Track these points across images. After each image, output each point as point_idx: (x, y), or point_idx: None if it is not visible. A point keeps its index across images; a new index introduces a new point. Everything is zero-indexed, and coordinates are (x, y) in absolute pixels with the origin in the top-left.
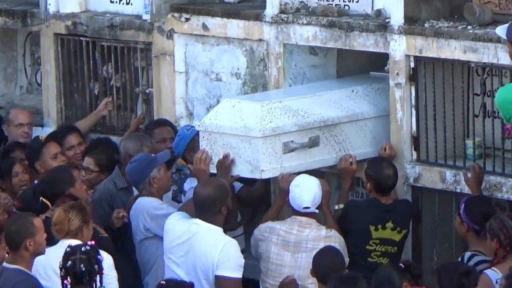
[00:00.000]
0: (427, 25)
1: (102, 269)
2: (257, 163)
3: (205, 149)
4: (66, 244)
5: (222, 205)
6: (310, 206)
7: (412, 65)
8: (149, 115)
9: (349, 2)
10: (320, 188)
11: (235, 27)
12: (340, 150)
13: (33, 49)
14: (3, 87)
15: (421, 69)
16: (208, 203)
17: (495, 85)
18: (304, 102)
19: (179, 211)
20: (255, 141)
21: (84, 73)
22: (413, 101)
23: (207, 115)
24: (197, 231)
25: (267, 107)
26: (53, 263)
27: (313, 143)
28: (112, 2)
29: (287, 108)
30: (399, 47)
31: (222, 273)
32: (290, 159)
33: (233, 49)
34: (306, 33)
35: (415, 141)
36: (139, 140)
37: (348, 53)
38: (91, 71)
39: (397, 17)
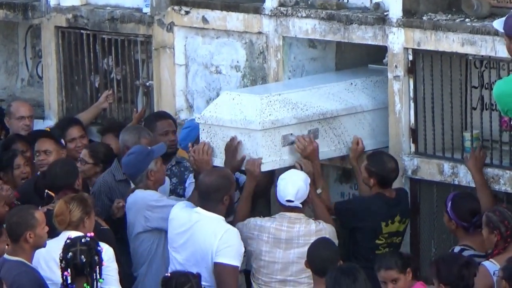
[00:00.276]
0: (425, 18)
1: (102, 260)
2: (257, 155)
3: (207, 140)
4: (67, 235)
5: (225, 195)
6: (293, 199)
7: (410, 58)
8: (149, 107)
9: None
10: (306, 183)
11: (235, 20)
12: (339, 142)
13: (34, 42)
14: (5, 80)
15: (419, 62)
16: (211, 191)
17: (493, 78)
18: (303, 95)
19: (187, 200)
20: (254, 133)
21: (84, 65)
22: (412, 94)
23: (207, 108)
24: (198, 220)
25: (267, 100)
26: (54, 255)
27: (312, 136)
28: None
29: (286, 101)
30: (398, 40)
31: (220, 260)
32: (289, 152)
33: (232, 42)
34: (305, 26)
35: (413, 133)
36: (136, 132)
37: (346, 46)
38: (92, 63)
39: (395, 10)
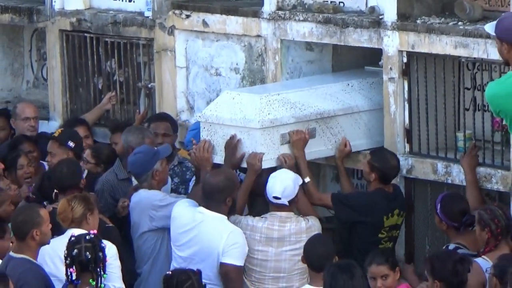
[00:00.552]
0: (419, 21)
1: (105, 256)
2: None
3: (207, 138)
4: (71, 233)
5: (228, 196)
6: (279, 196)
7: (405, 60)
8: (151, 109)
9: None
10: (295, 182)
11: (234, 24)
12: (335, 141)
13: (39, 45)
14: (11, 82)
15: (413, 64)
16: (215, 191)
17: (485, 80)
18: (301, 95)
19: (188, 197)
20: (253, 132)
21: (88, 68)
22: (406, 95)
23: (208, 107)
24: (203, 220)
25: (266, 100)
26: (59, 252)
27: (310, 135)
28: None
29: (285, 100)
30: (392, 43)
31: (227, 261)
32: (287, 150)
33: (232, 44)
34: (302, 29)
35: (408, 133)
36: (140, 132)
37: (343, 48)
38: (95, 66)
39: (390, 14)
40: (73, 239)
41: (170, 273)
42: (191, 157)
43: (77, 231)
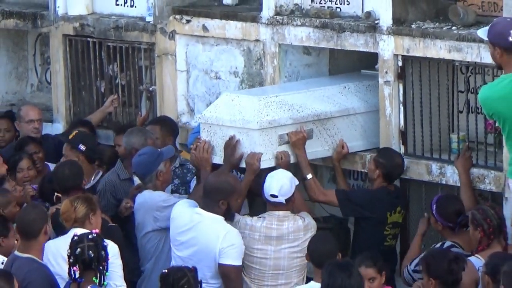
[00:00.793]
0: (414, 26)
1: (107, 254)
2: None
3: (207, 139)
4: (74, 232)
5: (221, 198)
6: (276, 194)
7: (400, 64)
8: (152, 111)
9: (341, 4)
10: (291, 181)
11: (233, 28)
12: (332, 143)
13: (43, 49)
14: (15, 85)
15: (408, 68)
16: (211, 190)
17: (478, 83)
18: (299, 97)
19: (189, 197)
20: (252, 133)
21: (91, 72)
22: (401, 98)
23: (208, 108)
24: (200, 220)
25: (264, 101)
26: (62, 251)
27: (307, 136)
28: (117, 4)
29: (283, 102)
30: (388, 47)
31: (225, 262)
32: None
33: (231, 49)
34: (300, 34)
35: (403, 135)
36: (142, 134)
37: (339, 52)
38: (98, 70)
39: (385, 19)
40: (76, 238)
41: (166, 271)
42: (191, 158)
43: (80, 231)
